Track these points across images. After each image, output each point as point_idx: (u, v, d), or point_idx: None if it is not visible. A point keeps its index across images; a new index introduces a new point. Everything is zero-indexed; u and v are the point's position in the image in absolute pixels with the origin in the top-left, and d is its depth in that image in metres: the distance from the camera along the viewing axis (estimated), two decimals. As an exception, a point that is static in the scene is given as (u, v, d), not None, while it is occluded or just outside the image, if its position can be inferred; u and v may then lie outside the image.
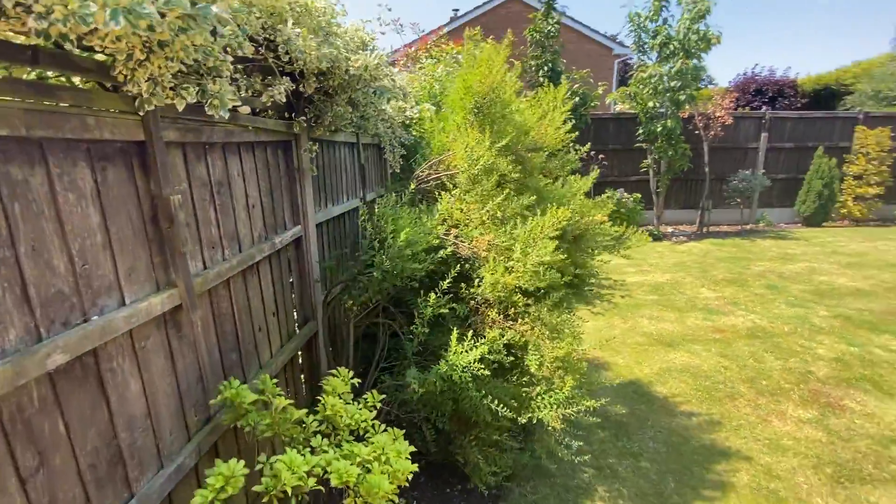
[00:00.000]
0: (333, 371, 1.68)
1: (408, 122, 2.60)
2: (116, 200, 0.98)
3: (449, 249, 1.77)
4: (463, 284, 1.78)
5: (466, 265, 1.76)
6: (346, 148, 2.27)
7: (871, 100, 12.29)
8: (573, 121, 9.11)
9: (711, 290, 5.17)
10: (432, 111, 2.57)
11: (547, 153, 2.01)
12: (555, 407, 1.68)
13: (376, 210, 1.81)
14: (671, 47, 7.62)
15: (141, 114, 0.97)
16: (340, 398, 1.57)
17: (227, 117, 1.08)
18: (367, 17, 1.82)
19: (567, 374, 1.69)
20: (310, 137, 1.80)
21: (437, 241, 1.76)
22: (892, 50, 12.74)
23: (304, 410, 1.40)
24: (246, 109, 1.26)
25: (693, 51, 7.53)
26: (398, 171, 2.78)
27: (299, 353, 1.92)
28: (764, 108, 14.02)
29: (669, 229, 8.92)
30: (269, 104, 1.47)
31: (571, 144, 2.28)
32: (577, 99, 8.31)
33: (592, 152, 8.82)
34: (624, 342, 3.78)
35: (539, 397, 1.72)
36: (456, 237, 1.82)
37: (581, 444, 2.47)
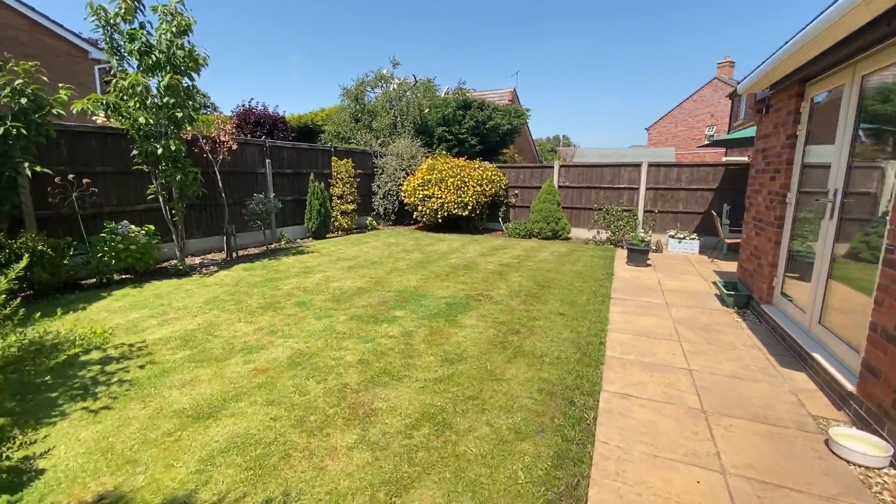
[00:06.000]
0: None
1: None
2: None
3: None
4: None
5: None
6: None
7: (336, 138, 16.12)
8: (23, 130, 6.29)
9: (248, 323, 4.84)
10: None
11: None
12: None
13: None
14: (154, 57, 6.65)
15: None
16: None
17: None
18: None
19: None
20: None
21: None
22: (340, 103, 17.16)
23: None
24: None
25: (182, 67, 6.90)
26: None
27: None
28: (263, 137, 15.45)
29: (197, 260, 8.05)
30: None
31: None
32: (25, 101, 5.83)
33: (70, 176, 6.54)
34: (146, 440, 2.70)
35: None
36: None
37: None
